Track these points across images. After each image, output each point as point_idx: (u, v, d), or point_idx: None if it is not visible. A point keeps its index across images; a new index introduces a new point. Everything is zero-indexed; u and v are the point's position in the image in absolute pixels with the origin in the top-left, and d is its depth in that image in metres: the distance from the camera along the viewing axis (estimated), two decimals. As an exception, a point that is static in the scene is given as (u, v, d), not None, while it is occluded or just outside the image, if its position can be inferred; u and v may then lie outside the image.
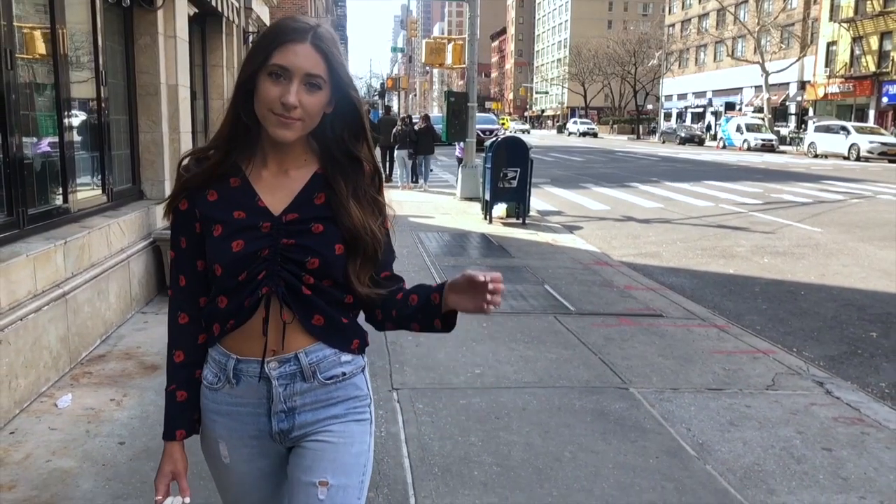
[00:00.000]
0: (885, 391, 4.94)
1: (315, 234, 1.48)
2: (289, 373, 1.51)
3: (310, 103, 1.42)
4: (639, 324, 6.00)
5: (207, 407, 1.57)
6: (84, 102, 5.74)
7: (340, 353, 1.55)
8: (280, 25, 1.44)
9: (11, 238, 4.24)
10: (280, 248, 1.47)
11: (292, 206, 1.50)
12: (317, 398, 1.54)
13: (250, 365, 1.51)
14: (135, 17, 6.59)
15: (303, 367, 1.51)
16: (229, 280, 1.48)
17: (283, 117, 1.42)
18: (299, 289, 1.48)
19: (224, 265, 1.47)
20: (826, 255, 9.58)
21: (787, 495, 3.30)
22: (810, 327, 6.39)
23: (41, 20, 4.92)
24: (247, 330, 1.50)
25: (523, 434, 3.82)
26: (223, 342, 1.53)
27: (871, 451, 3.78)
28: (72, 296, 4.52)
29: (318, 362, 1.52)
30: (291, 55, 1.40)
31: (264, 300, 1.47)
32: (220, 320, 1.52)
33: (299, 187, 1.52)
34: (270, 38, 1.42)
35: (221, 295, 1.50)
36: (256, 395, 1.52)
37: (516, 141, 11.70)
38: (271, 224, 1.47)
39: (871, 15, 41.63)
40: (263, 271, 1.47)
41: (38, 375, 4.01)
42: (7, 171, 4.30)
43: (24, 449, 3.40)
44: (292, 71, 1.40)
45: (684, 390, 4.55)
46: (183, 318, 1.57)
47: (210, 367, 1.56)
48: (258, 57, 1.42)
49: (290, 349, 1.50)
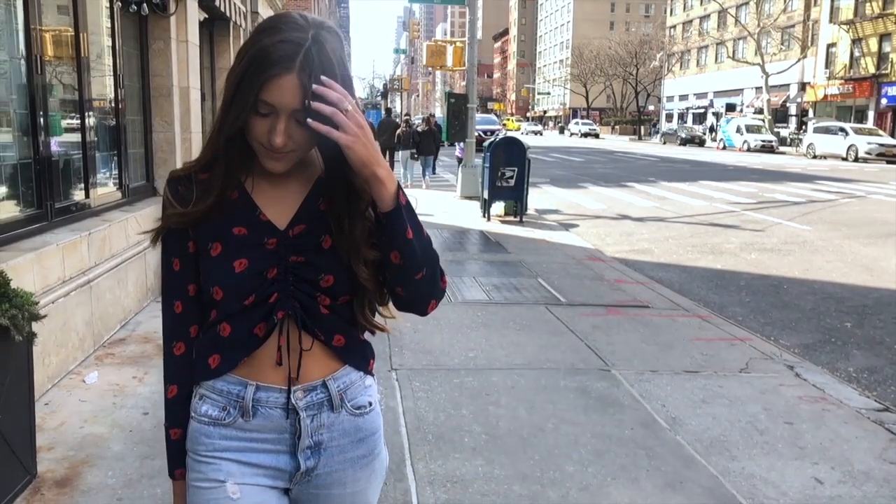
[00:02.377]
0: (852, 375, 5.29)
1: (325, 250, 1.34)
2: (316, 402, 1.37)
3: (301, 136, 1.27)
4: (625, 314, 6.35)
5: (210, 447, 1.37)
6: (103, 104, 6.11)
7: (364, 376, 1.43)
8: (266, 52, 1.23)
9: (41, 229, 4.61)
10: (290, 267, 1.33)
11: (298, 217, 1.35)
12: (343, 431, 1.40)
13: (271, 394, 1.35)
14: (149, 22, 6.95)
15: (332, 395, 1.38)
16: (233, 304, 1.33)
17: (272, 152, 1.28)
18: (316, 309, 1.35)
19: (226, 288, 1.32)
20: (811, 252, 9.93)
21: (747, 461, 3.65)
22: (789, 318, 6.74)
23: (65, 26, 5.29)
24: (259, 357, 1.35)
25: (511, 408, 4.17)
26: (234, 371, 1.37)
27: (829, 425, 4.13)
28: (95, 283, 4.88)
29: (346, 388, 1.40)
30: (276, 91, 1.23)
31: (279, 325, 1.34)
32: (223, 351, 1.36)
33: (303, 195, 1.37)
34: (256, 69, 1.23)
35: (224, 322, 1.35)
36: (277, 428, 1.36)
37: (514, 141, 12.06)
38: (277, 240, 1.33)
39: (870, 17, 41.92)
40: (275, 293, 1.33)
41: (66, 354, 4.38)
42: (37, 167, 4.67)
43: (59, 417, 3.76)
44: (278, 108, 1.24)
45: (663, 372, 4.90)
46: (179, 348, 1.42)
47: (211, 401, 1.38)
48: (248, 94, 1.25)
49: (314, 376, 1.37)
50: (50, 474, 3.19)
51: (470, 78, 14.21)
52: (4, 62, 4.44)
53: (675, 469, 3.53)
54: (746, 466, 3.59)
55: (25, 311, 2.85)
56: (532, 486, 3.30)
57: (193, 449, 1.39)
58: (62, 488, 3.08)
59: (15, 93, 4.55)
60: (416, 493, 3.19)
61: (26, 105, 4.58)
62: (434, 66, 16.34)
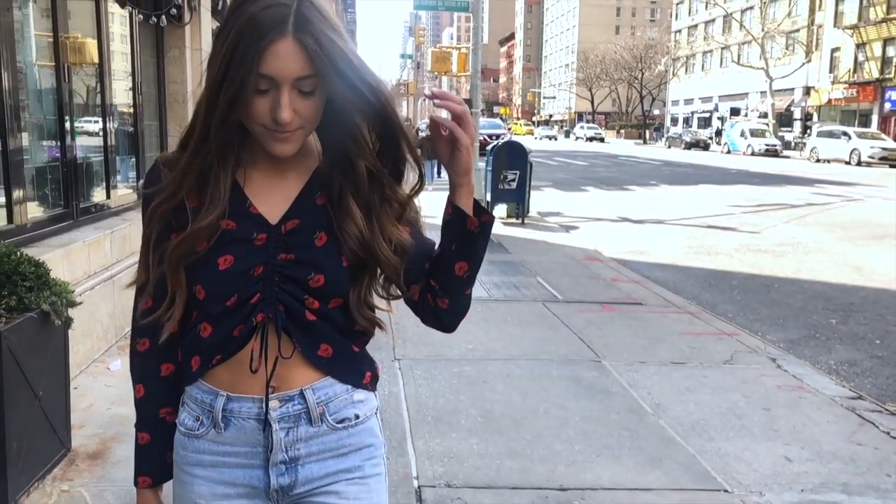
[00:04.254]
0: (832, 367, 5.57)
1: (318, 247, 1.23)
2: (292, 414, 1.25)
3: (307, 109, 1.17)
4: (619, 310, 6.65)
5: (184, 460, 1.30)
6: (123, 109, 6.44)
7: (353, 389, 1.30)
8: (254, 19, 1.12)
9: (68, 227, 4.95)
10: (277, 265, 1.22)
11: (292, 211, 1.24)
12: (325, 446, 1.28)
13: (244, 404, 1.25)
14: (165, 32, 7.29)
15: (309, 407, 1.26)
16: (215, 305, 1.22)
17: (278, 132, 1.17)
18: (302, 314, 1.23)
19: (208, 286, 1.22)
20: (805, 253, 10.20)
21: (724, 442, 3.94)
22: (777, 315, 7.01)
23: (89, 36, 5.62)
24: (236, 363, 1.24)
25: (505, 394, 4.47)
26: (207, 377, 1.27)
27: (803, 411, 4.41)
28: (117, 278, 5.20)
29: (328, 401, 1.27)
30: (274, 61, 1.12)
31: (259, 329, 1.22)
32: (203, 353, 1.26)
33: (298, 188, 1.26)
34: (248, 41, 1.12)
35: (205, 322, 1.24)
36: (250, 441, 1.26)
37: (516, 145, 12.38)
38: (267, 235, 1.22)
39: (874, 22, 42.14)
40: (258, 293, 1.21)
41: (92, 344, 4.70)
42: (64, 170, 5.01)
43: (87, 400, 4.08)
44: (279, 79, 1.13)
45: (651, 363, 5.19)
46: (143, 344, 1.34)
47: (188, 410, 1.30)
48: (244, 70, 1.12)
49: (292, 385, 1.25)
50: (83, 448, 3.50)
51: (474, 83, 14.53)
52: (36, 69, 4.78)
53: (655, 448, 3.82)
54: (722, 447, 3.88)
55: (63, 298, 3.16)
56: (522, 461, 3.60)
57: (174, 460, 1.33)
58: (94, 460, 3.40)
59: (45, 99, 4.88)
60: (416, 465, 3.49)
61: (55, 111, 4.92)
62: (439, 72, 16.68)
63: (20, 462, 2.95)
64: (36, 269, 3.05)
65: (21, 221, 4.37)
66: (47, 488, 3.12)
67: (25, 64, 4.61)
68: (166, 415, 1.36)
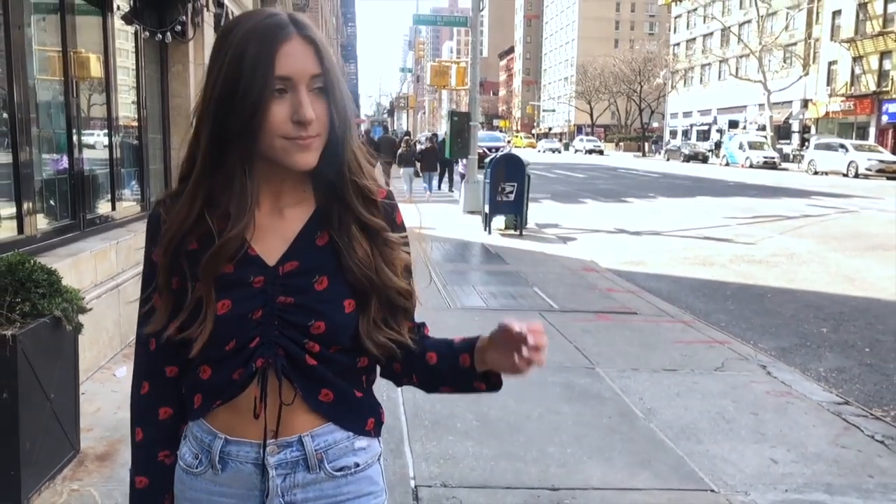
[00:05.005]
0: (821, 374, 5.69)
1: (318, 291, 1.21)
2: (290, 460, 1.24)
3: (322, 112, 1.15)
4: (613, 319, 6.78)
5: (183, 494, 1.29)
6: (128, 123, 6.60)
7: (354, 436, 1.28)
8: (257, 29, 1.13)
9: (76, 238, 5.09)
10: (276, 309, 1.20)
11: (290, 252, 1.21)
12: (322, 493, 1.26)
13: (242, 448, 1.24)
14: (169, 47, 7.46)
15: (307, 454, 1.24)
16: (213, 349, 1.20)
17: (300, 140, 1.14)
18: (302, 359, 1.21)
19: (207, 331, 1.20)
20: (798, 264, 10.34)
21: (712, 444, 4.07)
22: (769, 324, 7.14)
23: (97, 52, 5.78)
24: (236, 406, 1.23)
25: (501, 400, 4.59)
26: (207, 417, 1.25)
27: (790, 415, 4.54)
28: (122, 287, 5.33)
29: (327, 448, 1.25)
30: (288, 60, 1.11)
31: (259, 374, 1.20)
32: (204, 393, 1.25)
33: (297, 228, 1.23)
34: (259, 45, 1.11)
35: (204, 364, 1.23)
36: (246, 484, 1.24)
37: (514, 157, 12.55)
38: (265, 278, 1.20)
39: (870, 35, 42.46)
40: (257, 337, 1.19)
41: (98, 351, 4.83)
42: (72, 182, 5.15)
43: (95, 404, 4.20)
44: (296, 79, 1.12)
45: (643, 370, 5.31)
46: (143, 387, 1.31)
47: (189, 445, 1.28)
48: (259, 70, 1.10)
49: (291, 431, 1.23)
50: (91, 450, 3.62)
51: (472, 97, 14.73)
52: (46, 84, 4.93)
53: (645, 450, 3.94)
54: (710, 449, 4.01)
55: (74, 305, 3.30)
56: (516, 463, 3.72)
57: (175, 494, 1.32)
58: (102, 461, 3.52)
59: (54, 113, 5.04)
60: (413, 466, 3.62)
61: (63, 124, 5.07)
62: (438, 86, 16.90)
63: (32, 461, 3.07)
64: (48, 276, 3.19)
65: (31, 232, 4.51)
66: (58, 487, 3.24)
67: (36, 79, 4.76)
68: (164, 457, 1.33)
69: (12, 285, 3.05)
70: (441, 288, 7.61)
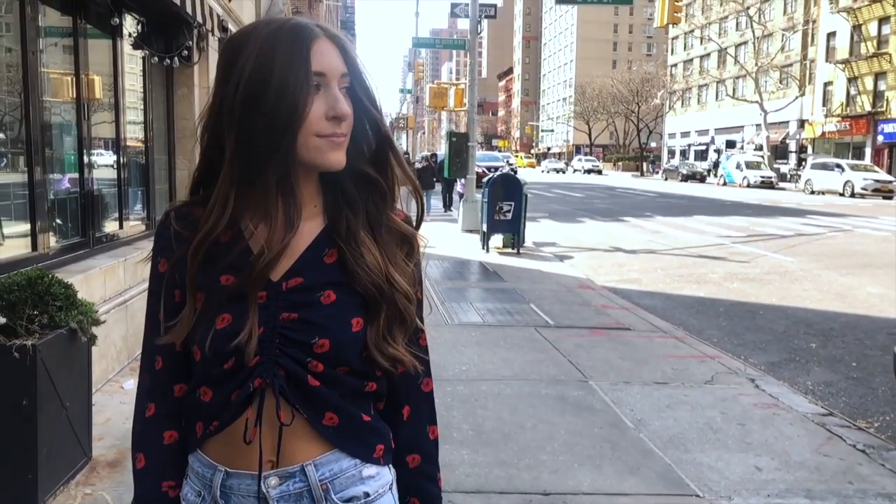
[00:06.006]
0: (809, 388, 5.85)
1: (325, 306, 1.15)
2: (293, 492, 1.16)
3: (350, 111, 1.15)
4: (607, 335, 6.94)
5: None
6: (135, 144, 6.81)
7: (362, 464, 1.20)
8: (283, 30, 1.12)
9: (86, 255, 5.27)
10: (279, 326, 1.14)
11: (296, 268, 1.16)
12: None
13: (243, 480, 1.17)
14: (175, 71, 7.68)
15: (311, 485, 1.17)
16: (211, 367, 1.15)
17: (334, 137, 1.12)
18: (304, 379, 1.14)
19: (204, 347, 1.13)
20: (791, 281, 10.52)
21: (699, 453, 4.22)
22: (761, 340, 7.31)
23: (107, 75, 6.00)
24: (234, 433, 1.16)
25: (496, 411, 4.76)
26: (206, 449, 1.19)
27: (776, 426, 4.69)
28: (130, 303, 5.50)
29: (332, 478, 1.18)
30: (321, 57, 1.11)
31: (258, 395, 1.13)
32: (204, 418, 1.19)
33: (305, 244, 1.17)
34: (291, 44, 1.10)
35: (204, 385, 1.17)
36: None
37: (511, 177, 12.76)
38: (268, 293, 1.14)
39: (865, 56, 42.96)
40: (257, 356, 1.12)
41: (107, 364, 4.99)
42: (82, 201, 5.35)
43: (105, 415, 4.36)
44: (329, 76, 1.12)
45: (635, 383, 5.47)
46: (150, 409, 1.24)
47: (191, 483, 1.22)
48: (295, 68, 1.09)
49: (294, 460, 1.16)
50: (102, 457, 3.78)
51: (471, 118, 14.98)
52: (59, 107, 5.14)
53: (634, 458, 4.10)
54: (697, 457, 4.16)
55: (89, 317, 3.47)
56: (509, 470, 3.88)
57: None
58: (114, 468, 3.68)
59: (66, 135, 5.25)
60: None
61: (75, 145, 5.28)
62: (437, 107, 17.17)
63: (49, 466, 3.23)
64: (65, 290, 3.36)
65: (44, 249, 4.70)
66: (72, 491, 3.40)
67: (50, 101, 4.97)
68: (168, 489, 1.25)
69: (32, 298, 3.22)
70: (439, 304, 7.78)
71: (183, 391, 1.23)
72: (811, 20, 49.87)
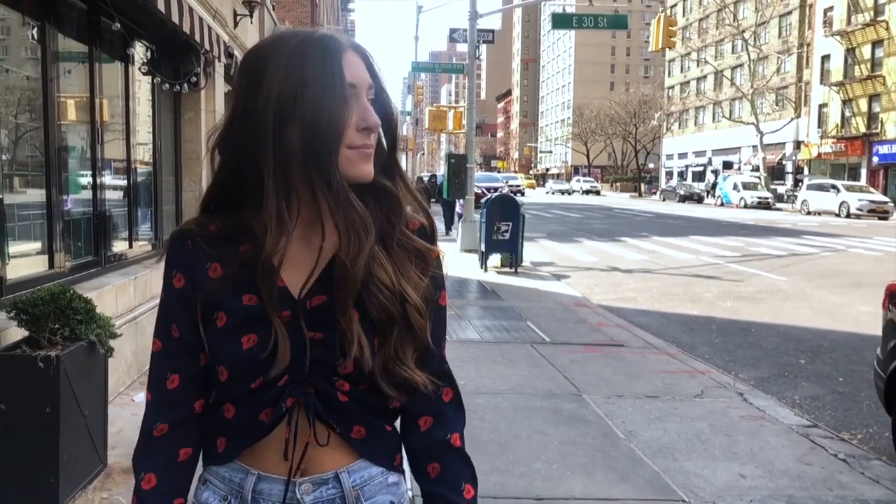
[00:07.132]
0: (796, 401, 6.04)
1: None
2: (326, 499, 1.19)
3: (379, 123, 1.14)
4: (602, 351, 7.14)
5: None
6: (144, 167, 7.04)
7: (387, 472, 1.24)
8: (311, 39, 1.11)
9: (98, 273, 5.49)
10: (305, 346, 1.13)
11: (319, 285, 1.14)
12: None
13: (275, 486, 1.18)
14: (182, 96, 7.94)
15: (345, 492, 1.19)
16: (238, 387, 1.15)
17: (365, 148, 1.12)
18: (334, 396, 1.15)
19: (231, 367, 1.14)
20: (783, 300, 10.73)
21: (686, 462, 4.41)
22: (751, 356, 7.50)
23: (118, 100, 6.25)
24: (265, 446, 1.17)
25: (492, 422, 4.95)
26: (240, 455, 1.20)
27: (762, 437, 4.88)
28: (139, 320, 5.71)
29: (363, 485, 1.20)
30: (350, 68, 1.11)
31: (290, 413, 1.15)
32: (229, 435, 1.19)
33: (326, 259, 1.14)
34: (322, 54, 1.09)
35: (227, 402, 1.18)
36: None
37: (509, 198, 13.01)
38: (292, 312, 1.13)
39: (859, 79, 43.48)
40: (286, 375, 1.13)
41: (118, 378, 5.18)
42: (95, 221, 5.57)
43: (117, 426, 4.54)
44: (360, 86, 1.11)
45: (627, 397, 5.66)
46: (161, 429, 1.20)
47: (213, 488, 1.22)
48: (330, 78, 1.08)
49: (325, 467, 1.18)
50: (117, 465, 3.97)
51: (469, 140, 15.26)
52: (75, 129, 5.38)
53: (624, 467, 4.29)
54: (685, 466, 4.35)
55: (107, 331, 3.68)
56: (505, 477, 4.06)
57: None
58: (128, 475, 3.86)
59: (81, 157, 5.48)
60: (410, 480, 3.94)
61: (88, 167, 5.51)
62: (436, 130, 17.46)
63: (69, 471, 3.42)
64: (85, 305, 3.57)
65: (59, 267, 4.91)
66: (89, 496, 3.58)
67: (66, 125, 5.21)
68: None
69: (54, 312, 3.43)
70: (438, 322, 7.95)
71: (203, 407, 1.22)
72: (805, 43, 50.53)
